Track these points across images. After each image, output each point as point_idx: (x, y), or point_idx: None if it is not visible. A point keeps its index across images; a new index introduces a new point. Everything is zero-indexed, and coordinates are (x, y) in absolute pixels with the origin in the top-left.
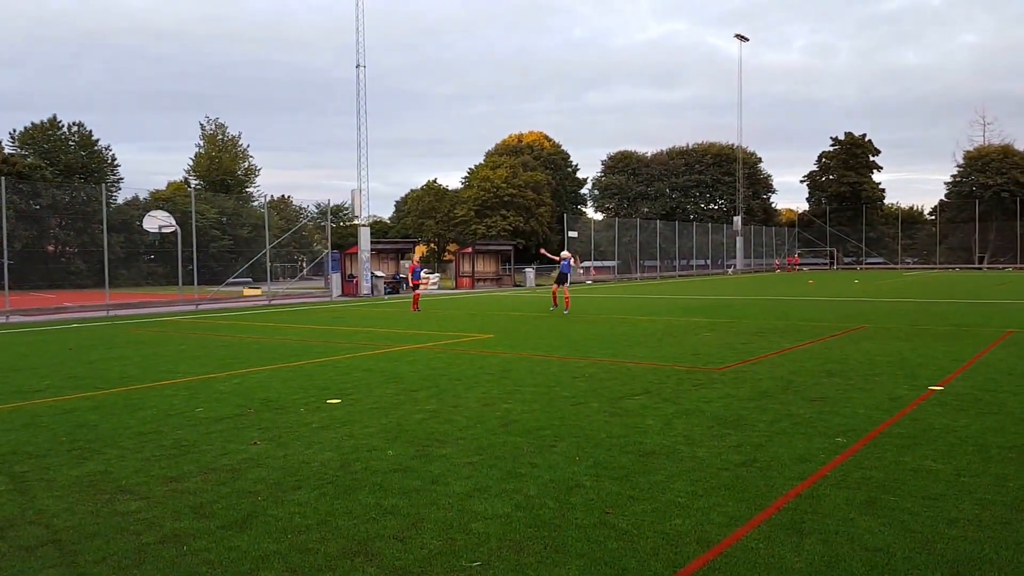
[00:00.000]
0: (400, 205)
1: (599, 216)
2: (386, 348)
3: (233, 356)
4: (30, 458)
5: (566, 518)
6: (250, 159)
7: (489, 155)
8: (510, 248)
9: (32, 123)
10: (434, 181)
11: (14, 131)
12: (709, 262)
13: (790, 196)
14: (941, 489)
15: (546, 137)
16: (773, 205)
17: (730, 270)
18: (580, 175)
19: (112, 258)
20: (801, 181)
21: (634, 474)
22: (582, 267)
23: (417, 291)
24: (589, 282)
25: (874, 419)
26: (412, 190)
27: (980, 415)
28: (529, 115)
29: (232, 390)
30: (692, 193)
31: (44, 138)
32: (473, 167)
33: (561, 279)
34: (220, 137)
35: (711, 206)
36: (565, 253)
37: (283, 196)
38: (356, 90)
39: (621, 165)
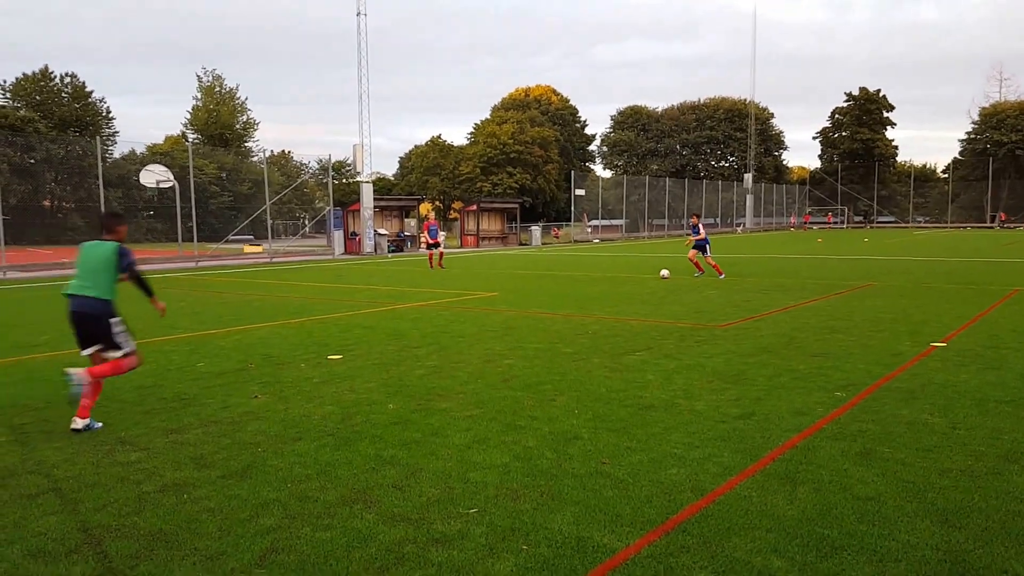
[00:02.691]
0: (404, 161)
1: (607, 173)
2: (389, 306)
3: (234, 313)
4: (29, 411)
5: (563, 468)
6: (248, 112)
7: (495, 110)
8: (516, 206)
9: (24, 74)
10: (439, 137)
11: (5, 82)
12: (719, 220)
13: (802, 154)
14: (936, 441)
15: (554, 91)
16: (785, 163)
17: (739, 228)
18: (588, 131)
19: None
20: (814, 138)
21: (632, 426)
22: (589, 226)
23: (432, 250)
24: (596, 240)
25: (874, 374)
26: (416, 146)
27: (981, 370)
28: (537, 70)
29: (233, 346)
30: (703, 150)
31: (36, 89)
32: (479, 122)
33: (700, 247)
34: (218, 89)
35: (722, 163)
36: (693, 220)
37: (283, 151)
38: (357, 40)
39: (631, 121)
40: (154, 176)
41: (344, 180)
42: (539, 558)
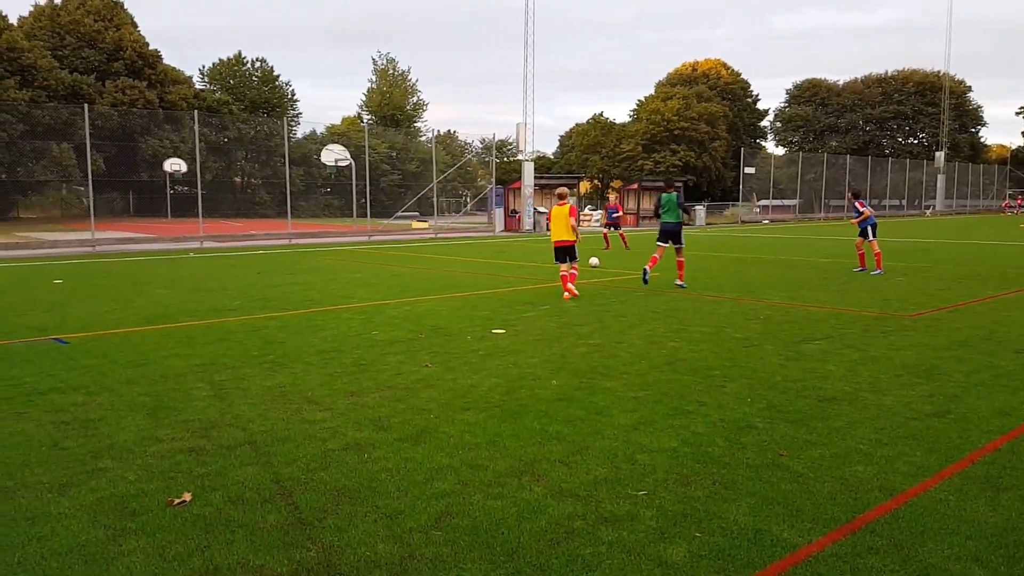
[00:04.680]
0: (564, 140)
1: (780, 151)
2: (549, 283)
3: (403, 285)
4: (227, 368)
5: (736, 457)
6: (418, 94)
7: (660, 86)
8: (679, 185)
9: (220, 59)
10: (600, 115)
11: (203, 67)
12: (904, 202)
13: (1004, 130)
14: None
15: (724, 65)
16: (982, 140)
17: (928, 211)
18: (760, 106)
19: (292, 190)
20: (1017, 113)
21: (811, 419)
22: (757, 206)
23: (609, 231)
24: (766, 221)
25: None
26: (577, 124)
27: None
28: (707, 43)
29: (403, 316)
30: (888, 126)
31: (230, 74)
32: (642, 99)
33: (864, 232)
34: (391, 72)
35: (909, 140)
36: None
37: (449, 131)
38: (524, 19)
39: (808, 95)
40: (333, 155)
41: (505, 159)
42: (713, 547)
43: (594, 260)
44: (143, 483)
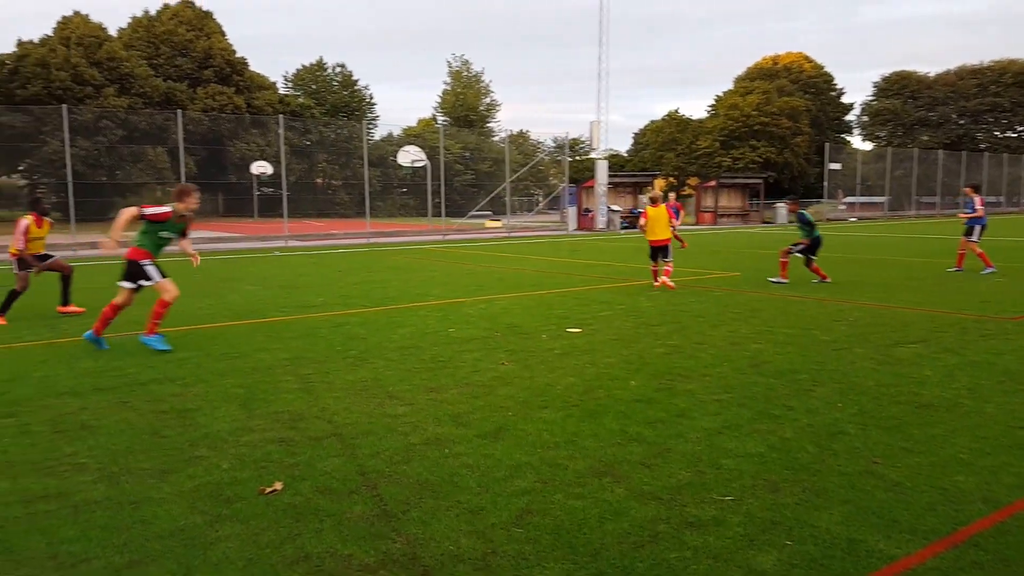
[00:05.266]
0: (639, 137)
1: (867, 146)
2: (624, 282)
3: (478, 283)
4: (312, 363)
5: (827, 464)
6: (492, 94)
7: (739, 80)
8: (759, 182)
9: (302, 65)
10: (676, 111)
11: (287, 73)
12: (1003, 199)
13: None
14: None
15: (807, 58)
16: None
17: None
18: (845, 100)
19: (370, 191)
20: None
21: (907, 425)
22: (843, 203)
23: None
24: (852, 219)
25: None
26: (652, 121)
27: None
28: (789, 35)
29: (479, 314)
30: (984, 119)
31: (312, 79)
32: (720, 94)
33: (970, 231)
34: (465, 74)
35: (1007, 134)
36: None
37: (521, 131)
38: (599, 16)
39: (897, 88)
40: (409, 156)
41: (578, 157)
42: (805, 555)
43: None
44: (237, 471)
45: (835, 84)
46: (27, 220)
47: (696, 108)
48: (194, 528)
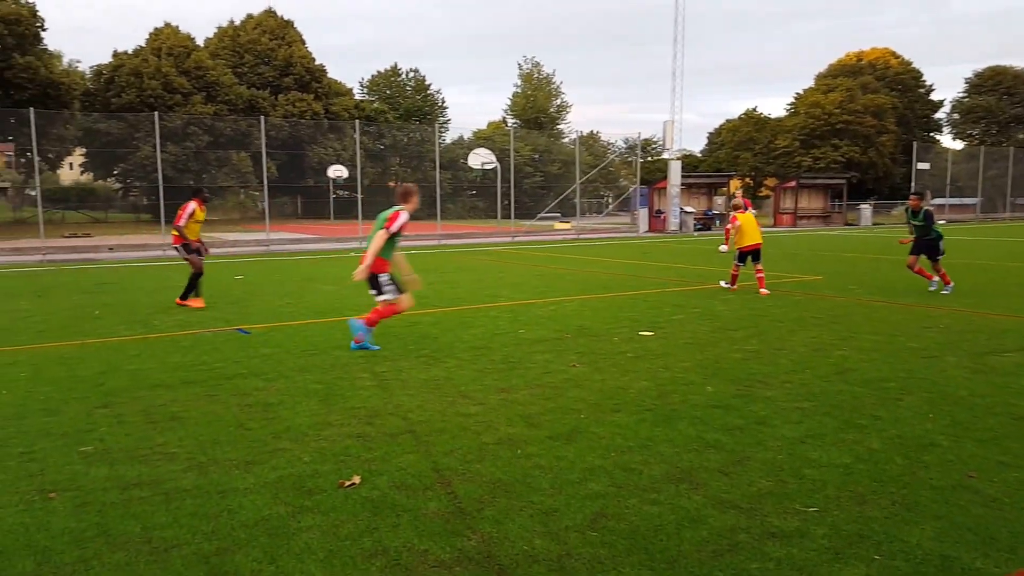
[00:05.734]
0: (713, 137)
1: (958, 145)
2: (698, 285)
3: (547, 285)
4: (387, 360)
5: (917, 476)
6: (562, 96)
7: (820, 78)
8: (842, 182)
9: (378, 71)
10: (753, 109)
11: (363, 79)
12: None
13: None
14: None
15: (893, 53)
16: None
17: None
18: (935, 97)
19: (441, 193)
20: None
21: (1004, 438)
22: (931, 204)
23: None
24: (942, 221)
25: None
26: (728, 120)
27: None
28: (873, 29)
29: (549, 316)
30: None
31: (387, 84)
32: (800, 92)
33: None
34: (536, 76)
35: None
36: None
37: (591, 132)
38: (674, 14)
39: (991, 84)
40: (480, 159)
41: (649, 158)
42: (894, 571)
43: (724, 247)
44: (317, 464)
45: (923, 80)
46: (193, 204)
47: (774, 106)
48: (277, 518)
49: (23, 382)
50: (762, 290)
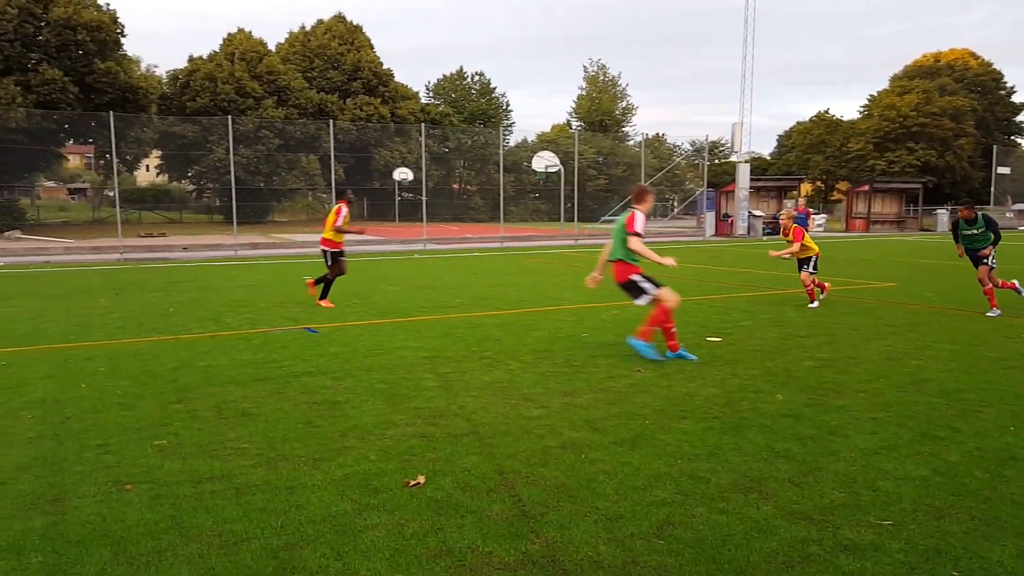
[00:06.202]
0: (783, 139)
1: None
2: (767, 291)
3: (611, 289)
4: (450, 362)
5: (998, 491)
6: (628, 98)
7: (895, 80)
8: (918, 187)
9: (443, 75)
10: (825, 112)
11: (428, 83)
12: None
13: None
14: None
15: (972, 55)
16: None
17: None
18: (1016, 99)
19: (504, 196)
20: None
21: None
22: (1011, 210)
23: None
24: (1021, 228)
25: None
26: (798, 122)
27: None
28: (953, 31)
29: (613, 319)
30: None
31: (452, 88)
32: (874, 94)
33: None
34: (601, 78)
35: None
36: None
37: (657, 134)
38: (744, 15)
39: None
40: (544, 162)
41: (717, 161)
42: None
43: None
44: (383, 463)
45: (1004, 82)
46: (345, 207)
47: (847, 109)
48: (344, 515)
49: (101, 376)
50: (825, 291)
